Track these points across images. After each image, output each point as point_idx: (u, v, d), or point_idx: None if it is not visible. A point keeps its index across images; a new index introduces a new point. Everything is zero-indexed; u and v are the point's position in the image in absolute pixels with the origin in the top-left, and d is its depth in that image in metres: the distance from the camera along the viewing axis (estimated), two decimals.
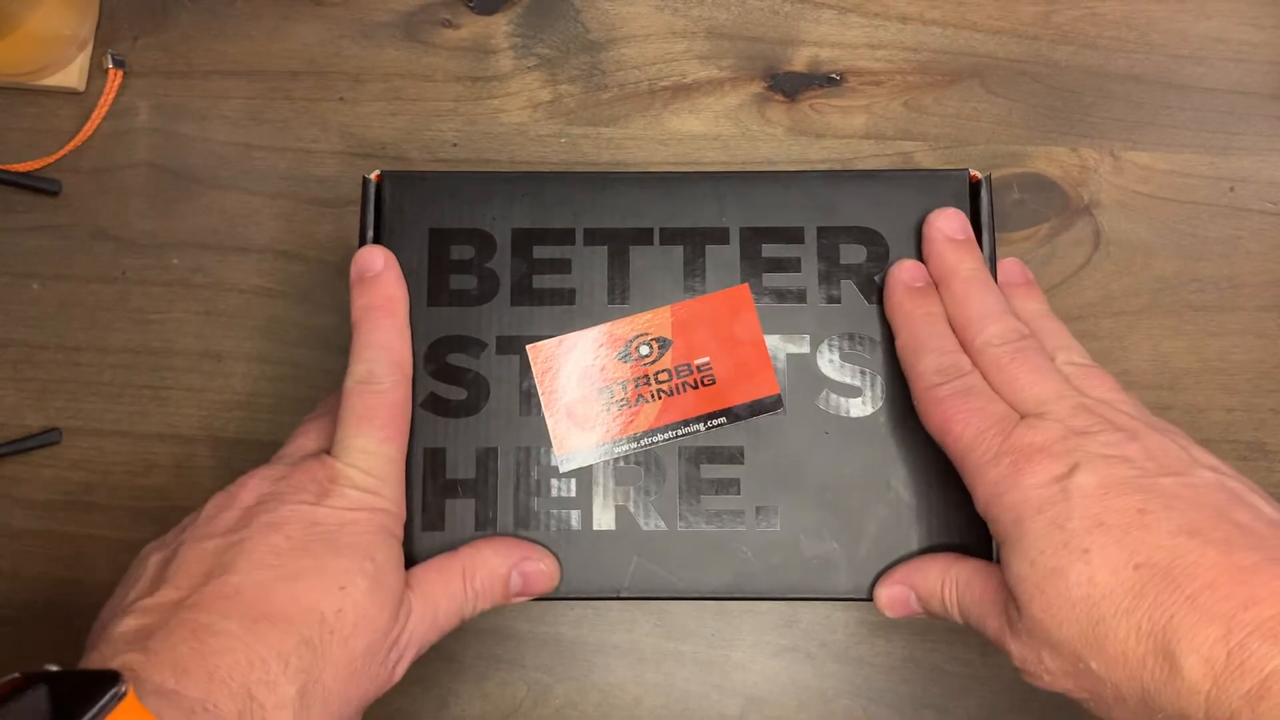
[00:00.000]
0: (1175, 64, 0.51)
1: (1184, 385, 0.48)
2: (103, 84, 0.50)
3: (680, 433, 0.39)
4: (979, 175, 0.41)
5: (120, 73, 0.50)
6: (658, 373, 0.39)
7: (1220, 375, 0.48)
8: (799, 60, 0.51)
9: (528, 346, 0.40)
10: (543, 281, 0.41)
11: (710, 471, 0.39)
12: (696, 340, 0.40)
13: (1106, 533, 0.31)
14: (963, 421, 0.36)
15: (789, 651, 0.47)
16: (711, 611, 0.47)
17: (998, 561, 0.35)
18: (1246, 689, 0.28)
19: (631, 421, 0.39)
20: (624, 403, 0.39)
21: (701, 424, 0.39)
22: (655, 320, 0.40)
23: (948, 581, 0.37)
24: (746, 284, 0.40)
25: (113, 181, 0.50)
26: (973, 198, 0.41)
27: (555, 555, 0.39)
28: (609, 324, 0.40)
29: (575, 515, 0.39)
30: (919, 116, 0.50)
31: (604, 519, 0.39)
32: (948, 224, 0.40)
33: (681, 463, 0.40)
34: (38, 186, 0.49)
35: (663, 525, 0.39)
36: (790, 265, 0.41)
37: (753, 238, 0.41)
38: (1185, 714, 0.29)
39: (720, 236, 0.41)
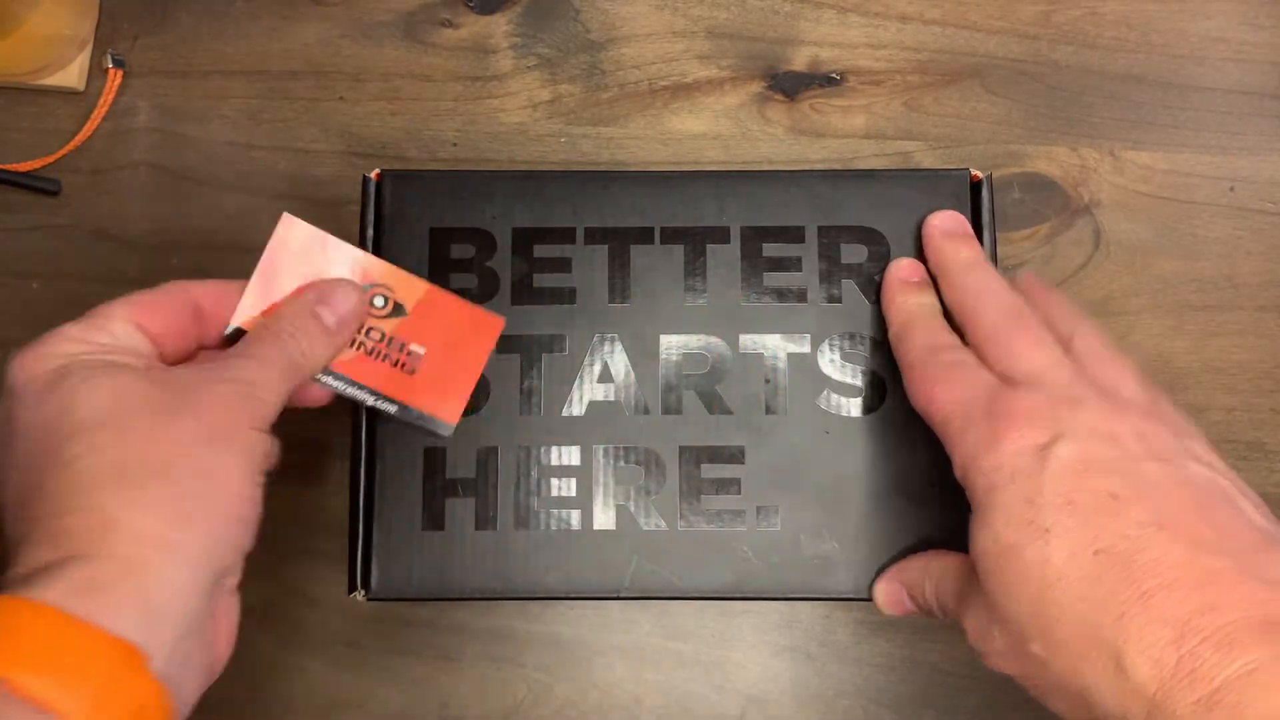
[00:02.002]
0: (1175, 64, 0.51)
1: (1184, 385, 0.48)
2: (103, 84, 0.50)
3: (347, 390, 0.38)
4: (980, 175, 0.41)
5: (120, 73, 0.50)
6: (373, 329, 0.38)
7: (1220, 375, 0.48)
8: (799, 60, 0.51)
9: (285, 214, 0.39)
10: (543, 280, 0.41)
11: (710, 471, 0.39)
12: (427, 329, 0.39)
13: (1073, 513, 0.30)
14: (946, 389, 0.35)
15: (789, 651, 0.47)
16: (712, 611, 0.47)
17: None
18: (1195, 698, 0.27)
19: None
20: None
21: (370, 396, 0.38)
22: (408, 286, 0.39)
23: (929, 574, 0.36)
24: (503, 319, 0.39)
25: (113, 181, 0.50)
26: (973, 198, 0.41)
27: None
28: (370, 257, 0.39)
29: (575, 515, 0.39)
30: (919, 116, 0.50)
31: (604, 519, 0.39)
32: (945, 222, 0.40)
33: (682, 462, 0.40)
34: (37, 186, 0.49)
35: (663, 525, 0.39)
36: (791, 265, 0.41)
37: (753, 237, 0.41)
38: (1125, 716, 0.28)
39: (721, 236, 0.41)
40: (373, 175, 0.41)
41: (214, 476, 0.32)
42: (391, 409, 0.38)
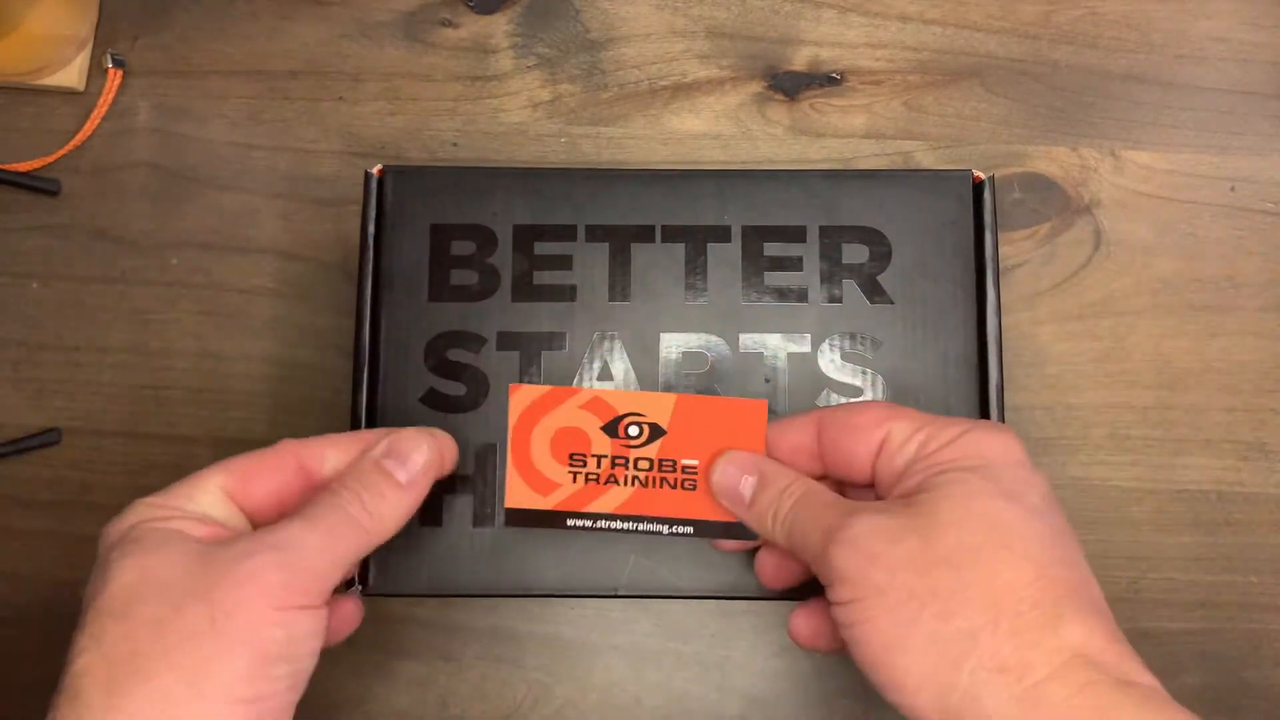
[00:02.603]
0: (1176, 64, 0.51)
1: (1185, 385, 0.48)
2: (102, 84, 0.50)
3: (640, 527, 0.37)
4: (982, 176, 0.41)
5: (120, 72, 0.50)
6: (639, 459, 0.37)
7: (1221, 375, 0.48)
8: (799, 60, 0.51)
9: (510, 385, 0.38)
10: (544, 278, 0.40)
11: None
12: (691, 439, 0.37)
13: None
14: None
15: (789, 651, 0.46)
16: (712, 611, 0.47)
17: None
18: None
19: (594, 498, 0.37)
20: (593, 477, 0.37)
21: (665, 526, 0.37)
22: (655, 404, 0.37)
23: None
24: (765, 401, 0.37)
25: (112, 181, 0.50)
26: (975, 199, 0.41)
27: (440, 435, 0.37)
28: (603, 391, 0.38)
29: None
30: (919, 116, 0.50)
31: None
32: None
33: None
34: (37, 186, 0.49)
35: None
36: (792, 264, 0.41)
37: (754, 236, 0.41)
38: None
39: (722, 235, 0.41)
40: (374, 171, 0.41)
41: (208, 674, 0.29)
42: (689, 530, 0.37)
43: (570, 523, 0.37)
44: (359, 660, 0.46)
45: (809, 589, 0.37)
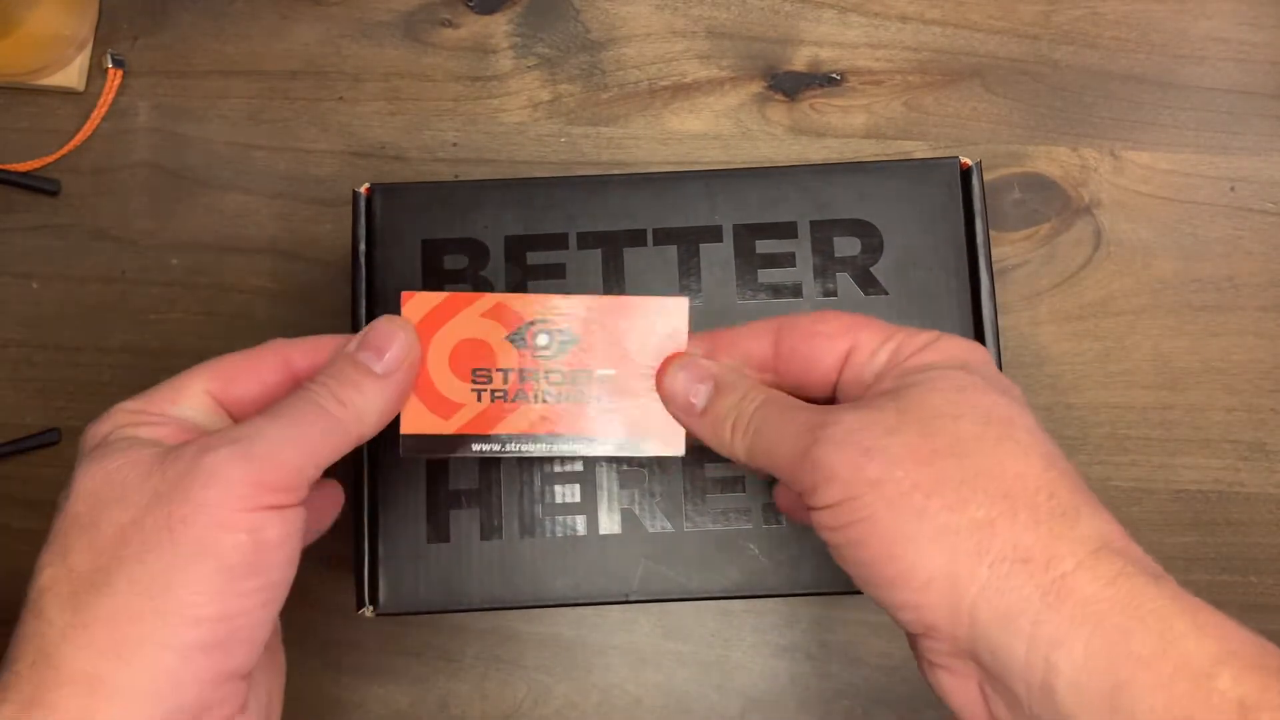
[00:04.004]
0: (1176, 64, 0.51)
1: (1185, 385, 0.48)
2: (102, 84, 0.50)
3: (553, 448, 0.34)
4: (969, 162, 0.41)
5: (120, 73, 0.50)
6: (550, 372, 0.34)
7: (1221, 375, 0.48)
8: (799, 60, 0.51)
9: (402, 293, 0.34)
10: (538, 287, 0.40)
11: (714, 470, 0.39)
12: (608, 346, 0.34)
13: None
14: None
15: (789, 651, 0.46)
16: (712, 612, 0.47)
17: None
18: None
19: (501, 419, 0.34)
20: (500, 395, 0.33)
21: (584, 446, 0.34)
22: (565, 307, 0.34)
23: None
24: (686, 299, 0.34)
25: (112, 181, 0.50)
26: (964, 185, 0.41)
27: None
28: (507, 296, 0.34)
29: (581, 520, 0.39)
30: (919, 116, 0.50)
31: (610, 523, 0.39)
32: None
33: (685, 463, 0.39)
34: (37, 186, 0.49)
35: (669, 527, 0.39)
36: (785, 260, 0.41)
37: (746, 234, 0.41)
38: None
39: (714, 235, 0.41)
40: (362, 190, 0.41)
41: (167, 588, 0.27)
42: (607, 449, 0.34)
43: (476, 448, 0.34)
44: (359, 660, 0.46)
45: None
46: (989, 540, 0.27)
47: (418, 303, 0.34)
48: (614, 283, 0.41)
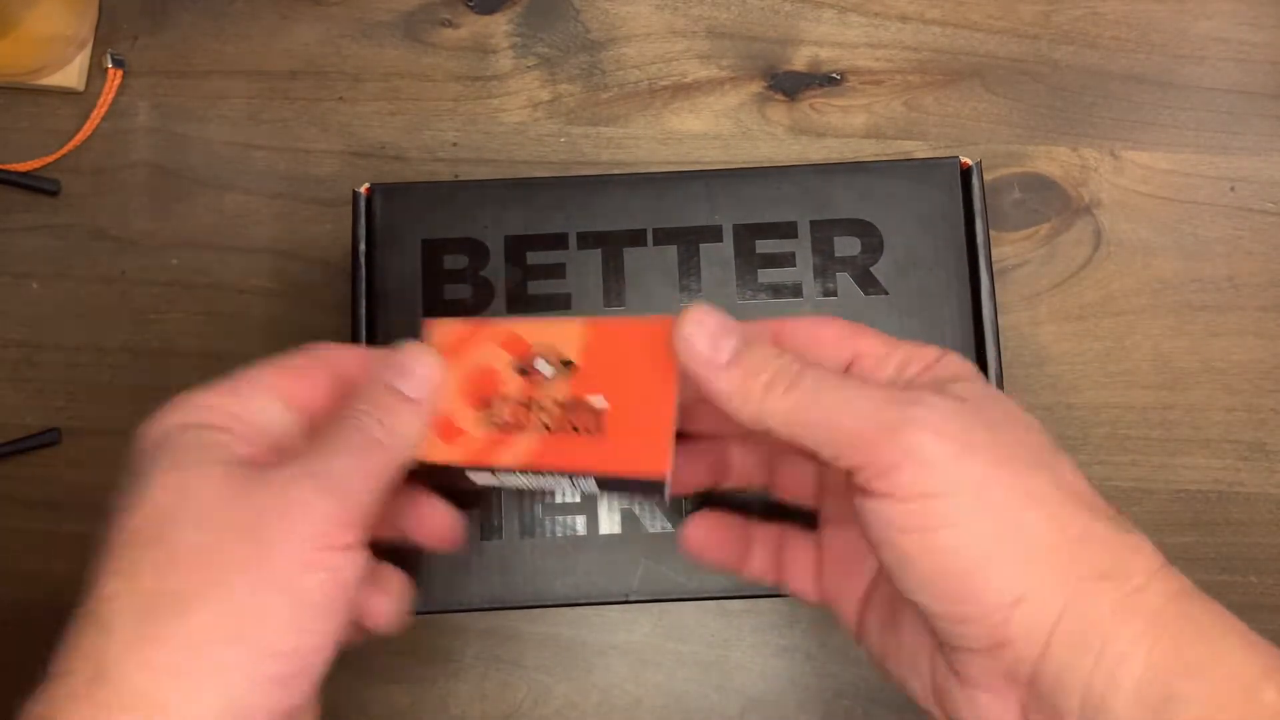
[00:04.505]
0: (1176, 64, 0.51)
1: (1185, 385, 0.48)
2: (102, 84, 0.50)
3: (539, 484, 0.33)
4: (969, 162, 0.41)
5: (120, 72, 0.50)
6: (548, 400, 0.32)
7: (1221, 375, 0.48)
8: (799, 60, 0.51)
9: (425, 321, 0.34)
10: (538, 287, 0.40)
11: None
12: (602, 372, 0.32)
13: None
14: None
15: (789, 652, 0.46)
16: (712, 612, 0.47)
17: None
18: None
19: (499, 449, 0.32)
20: (500, 424, 0.32)
21: (568, 481, 0.32)
22: (565, 333, 0.33)
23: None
24: (671, 319, 0.30)
25: (112, 181, 0.50)
26: (964, 185, 0.41)
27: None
28: (517, 322, 0.33)
29: (581, 521, 0.39)
30: (919, 116, 0.50)
31: (610, 523, 0.39)
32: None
33: None
34: (37, 186, 0.49)
35: (669, 527, 0.39)
36: (785, 260, 0.41)
37: (746, 234, 0.41)
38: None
39: (713, 234, 0.41)
40: (362, 190, 0.41)
41: (248, 619, 0.27)
42: (590, 487, 0.32)
43: (471, 476, 0.33)
44: (360, 660, 0.46)
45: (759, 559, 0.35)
46: (1080, 556, 0.26)
47: (440, 331, 0.34)
48: (614, 283, 0.41)
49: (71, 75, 0.49)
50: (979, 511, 0.26)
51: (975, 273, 0.40)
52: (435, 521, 0.35)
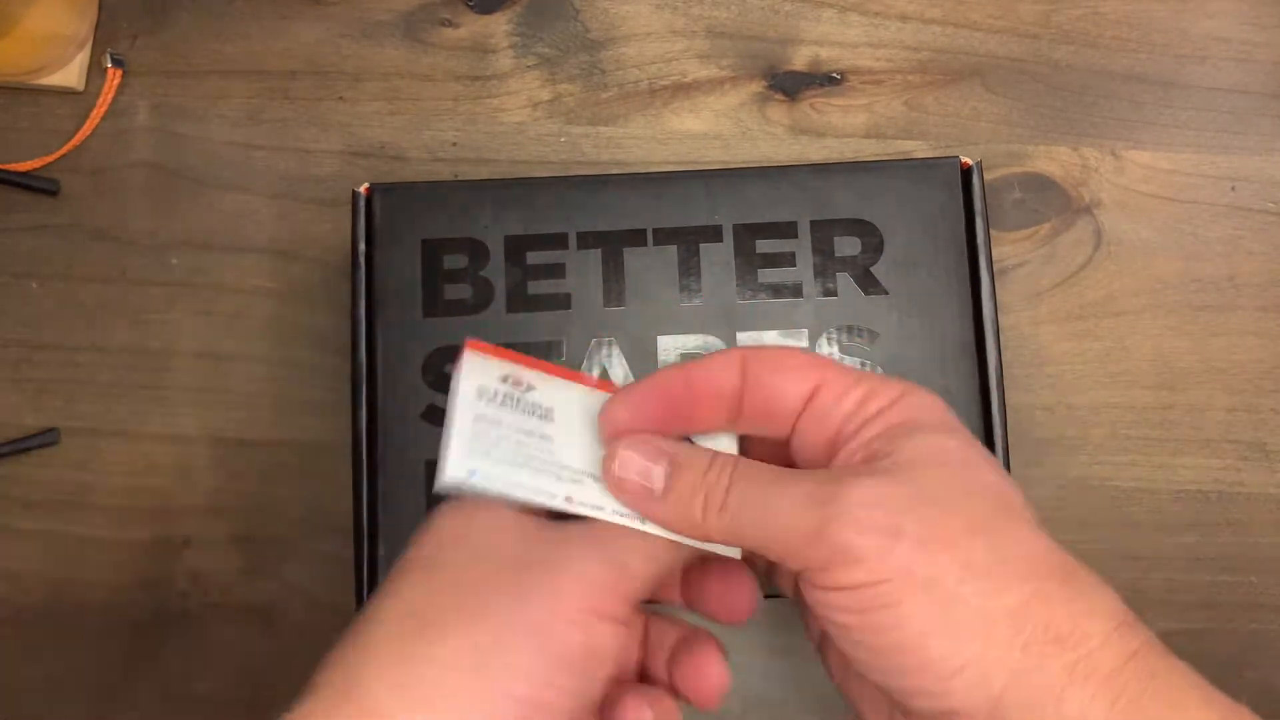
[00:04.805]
0: (1177, 63, 0.51)
1: (1185, 385, 0.48)
2: (102, 83, 0.50)
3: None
4: (969, 162, 0.41)
5: (119, 72, 0.50)
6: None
7: (1221, 375, 0.48)
8: (799, 59, 0.51)
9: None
10: (538, 287, 0.40)
11: None
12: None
13: None
14: None
15: (789, 652, 0.46)
16: None
17: None
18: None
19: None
20: None
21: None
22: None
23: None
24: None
25: (112, 181, 0.50)
26: (964, 185, 0.41)
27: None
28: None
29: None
30: (920, 116, 0.50)
31: None
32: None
33: None
34: (36, 186, 0.49)
35: None
36: (785, 260, 0.41)
37: (746, 234, 0.41)
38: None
39: (713, 234, 0.41)
40: (362, 190, 0.41)
41: (497, 653, 0.27)
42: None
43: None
44: None
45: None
46: (1023, 623, 0.26)
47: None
48: (614, 283, 0.41)
49: (71, 75, 0.49)
50: (912, 591, 0.26)
51: (975, 273, 0.40)
52: (734, 593, 0.33)
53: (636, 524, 0.30)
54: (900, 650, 0.27)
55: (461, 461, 0.29)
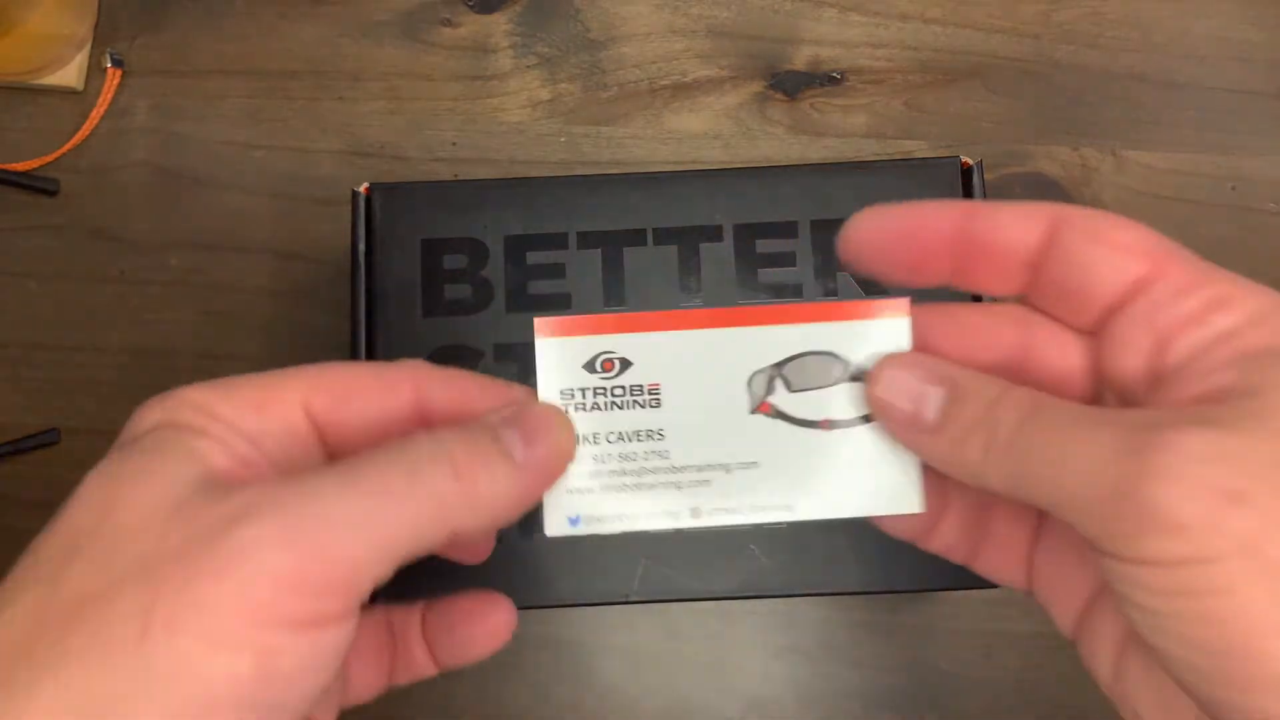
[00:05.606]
0: (1177, 63, 0.51)
1: None
2: (101, 83, 0.50)
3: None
4: (970, 162, 0.41)
5: (119, 72, 0.50)
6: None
7: None
8: (800, 59, 0.51)
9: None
10: (538, 287, 0.40)
11: None
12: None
13: None
14: None
15: (789, 653, 0.46)
16: (712, 613, 0.47)
17: None
18: None
19: None
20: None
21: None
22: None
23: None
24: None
25: (111, 181, 0.49)
26: (965, 185, 0.41)
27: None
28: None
29: None
30: (920, 115, 0.50)
31: None
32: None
33: None
34: (36, 186, 0.49)
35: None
36: (785, 260, 0.41)
37: (746, 234, 0.41)
38: None
39: (714, 234, 0.41)
40: (361, 190, 0.41)
41: (107, 713, 0.19)
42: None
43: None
44: None
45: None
46: None
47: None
48: (614, 282, 0.40)
49: (70, 75, 0.49)
50: (1256, 577, 0.19)
51: None
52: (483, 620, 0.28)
53: (784, 516, 0.25)
54: (1229, 653, 0.20)
55: (558, 512, 0.25)
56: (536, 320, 0.26)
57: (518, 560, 0.39)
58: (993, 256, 0.24)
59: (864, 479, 0.26)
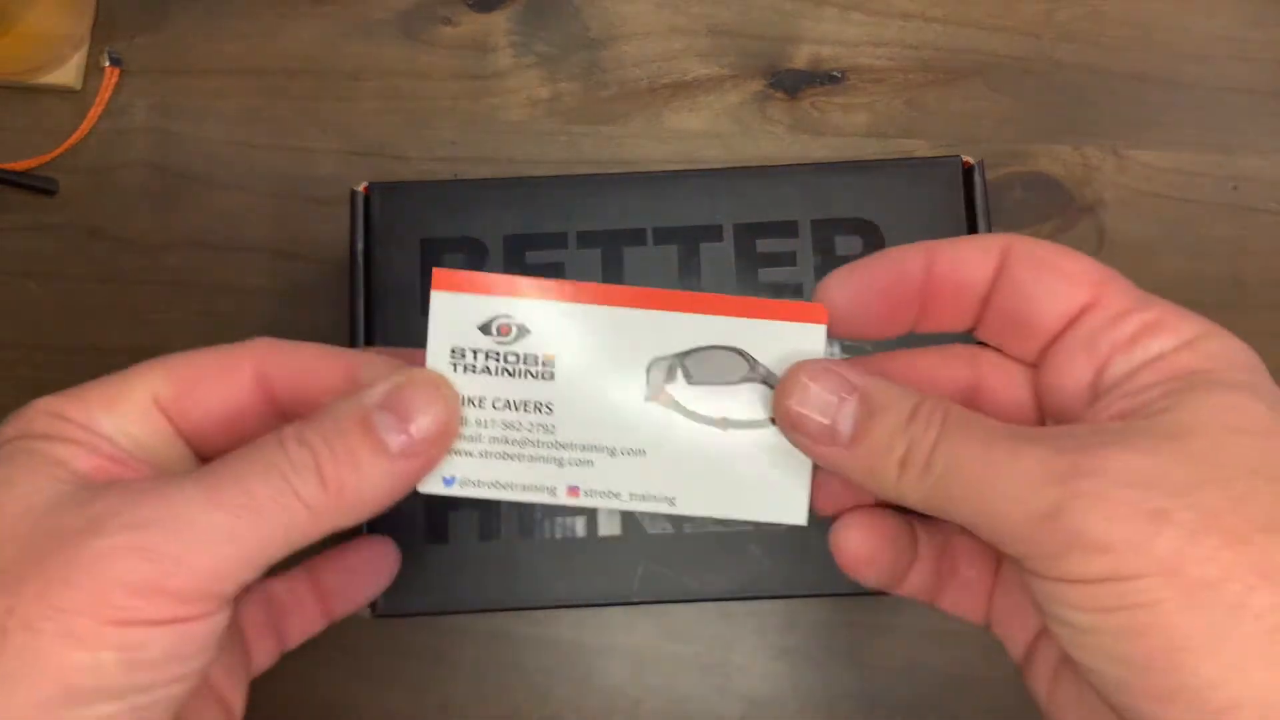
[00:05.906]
0: (1179, 62, 0.51)
1: None
2: (99, 82, 0.50)
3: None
4: (971, 161, 0.40)
5: (117, 71, 0.50)
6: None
7: None
8: (800, 58, 0.51)
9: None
10: None
11: None
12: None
13: None
14: None
15: (790, 654, 0.46)
16: (712, 614, 0.47)
17: None
18: None
19: None
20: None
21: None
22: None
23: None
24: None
25: (110, 181, 0.49)
26: (966, 184, 0.41)
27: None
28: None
29: (580, 522, 0.39)
30: (921, 114, 0.50)
31: (609, 524, 0.39)
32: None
33: None
34: (34, 186, 0.49)
35: (669, 528, 0.39)
36: (786, 259, 0.40)
37: (746, 233, 0.41)
38: None
39: (714, 234, 0.41)
40: (361, 189, 0.41)
41: None
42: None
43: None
44: (356, 663, 0.46)
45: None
46: None
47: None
48: (614, 282, 0.40)
49: (69, 74, 0.49)
50: (1178, 593, 0.20)
51: None
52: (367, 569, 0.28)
53: (665, 509, 0.25)
54: (1150, 667, 0.20)
55: (435, 471, 0.25)
56: (435, 271, 0.26)
57: (518, 560, 0.39)
58: (955, 292, 0.25)
59: (753, 484, 0.26)
